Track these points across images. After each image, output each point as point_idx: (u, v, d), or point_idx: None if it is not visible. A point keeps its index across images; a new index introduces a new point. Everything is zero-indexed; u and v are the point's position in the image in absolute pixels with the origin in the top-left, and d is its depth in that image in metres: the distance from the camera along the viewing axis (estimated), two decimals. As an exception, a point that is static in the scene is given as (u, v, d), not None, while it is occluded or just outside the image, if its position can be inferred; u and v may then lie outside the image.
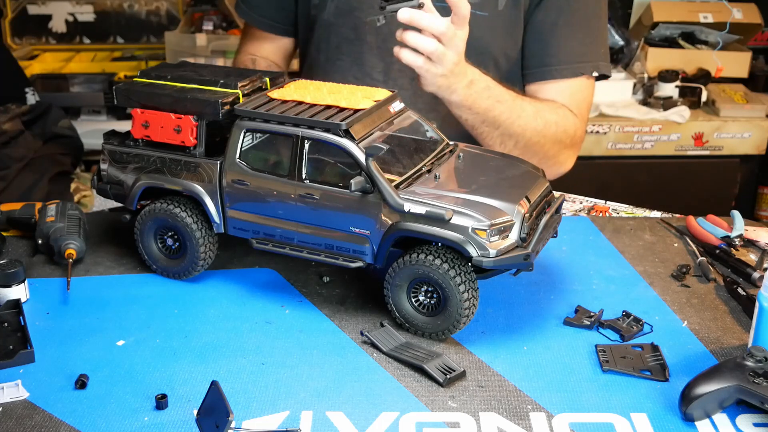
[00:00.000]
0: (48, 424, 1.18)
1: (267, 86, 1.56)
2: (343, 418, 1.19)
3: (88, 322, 1.43)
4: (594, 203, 1.98)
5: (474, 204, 1.34)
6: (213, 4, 4.17)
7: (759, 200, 3.74)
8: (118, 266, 1.62)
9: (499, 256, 1.32)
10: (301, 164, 1.40)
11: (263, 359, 1.33)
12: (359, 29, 1.92)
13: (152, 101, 1.50)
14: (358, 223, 1.38)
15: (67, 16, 4.33)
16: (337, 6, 1.93)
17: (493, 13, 1.86)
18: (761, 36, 3.92)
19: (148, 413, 1.20)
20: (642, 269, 1.63)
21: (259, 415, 1.20)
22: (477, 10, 1.83)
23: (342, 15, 1.93)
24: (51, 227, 1.61)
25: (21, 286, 1.47)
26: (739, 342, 1.39)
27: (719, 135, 3.47)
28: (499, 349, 1.36)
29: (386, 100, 1.49)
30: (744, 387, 1.17)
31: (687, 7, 3.74)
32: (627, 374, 1.29)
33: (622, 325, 1.41)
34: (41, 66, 4.06)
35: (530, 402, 1.23)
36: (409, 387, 1.26)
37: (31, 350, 1.32)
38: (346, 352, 1.35)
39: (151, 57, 4.14)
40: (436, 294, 1.36)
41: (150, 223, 1.54)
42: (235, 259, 1.64)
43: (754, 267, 1.58)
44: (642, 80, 3.62)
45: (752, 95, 3.60)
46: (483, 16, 1.85)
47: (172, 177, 1.52)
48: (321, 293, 1.53)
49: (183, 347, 1.36)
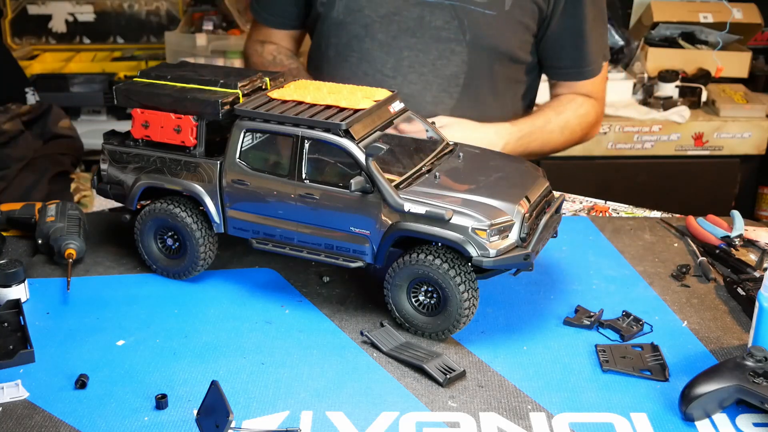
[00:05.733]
0: (48, 424, 1.18)
1: (267, 86, 1.56)
2: (343, 418, 1.19)
3: (88, 322, 1.43)
4: (594, 203, 1.98)
5: (474, 204, 1.34)
6: (213, 4, 4.17)
7: (759, 200, 3.74)
8: (118, 266, 1.62)
9: (499, 256, 1.32)
10: (301, 164, 1.40)
11: (263, 359, 1.33)
12: (369, 27, 1.94)
13: (152, 101, 1.50)
14: (358, 223, 1.38)
15: (67, 16, 4.32)
16: (347, 4, 1.94)
17: (501, 12, 1.90)
18: (761, 36, 3.92)
19: (148, 413, 1.20)
20: (642, 269, 1.63)
21: (259, 415, 1.20)
22: (486, 9, 1.88)
23: (351, 13, 1.94)
24: (51, 227, 1.61)
25: (21, 286, 1.47)
26: (739, 342, 1.39)
27: (719, 135, 3.47)
28: (499, 349, 1.36)
29: (386, 100, 1.49)
30: (744, 387, 1.17)
31: (687, 7, 3.74)
32: (627, 374, 1.29)
33: (622, 325, 1.41)
34: (41, 66, 4.06)
35: (530, 402, 1.23)
36: (409, 387, 1.26)
37: (31, 350, 1.32)
38: (346, 352, 1.35)
39: (151, 57, 4.14)
40: (436, 294, 1.36)
41: (150, 223, 1.54)
42: (235, 259, 1.64)
43: (754, 267, 1.58)
44: (642, 80, 3.62)
45: (752, 95, 3.60)
46: (491, 14, 1.89)
47: (172, 177, 1.51)
48: (321, 293, 1.53)
49: (183, 347, 1.36)
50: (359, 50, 1.96)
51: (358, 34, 1.95)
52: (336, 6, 1.96)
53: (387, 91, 1.53)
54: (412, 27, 1.92)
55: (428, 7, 1.89)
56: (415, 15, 1.91)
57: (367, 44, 1.95)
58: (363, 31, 1.94)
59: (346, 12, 1.95)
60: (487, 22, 1.90)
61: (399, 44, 1.93)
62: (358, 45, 1.95)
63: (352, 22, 1.95)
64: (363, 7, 1.93)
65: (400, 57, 1.93)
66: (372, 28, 1.93)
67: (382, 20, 1.92)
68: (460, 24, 1.89)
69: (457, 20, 1.89)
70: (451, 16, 1.90)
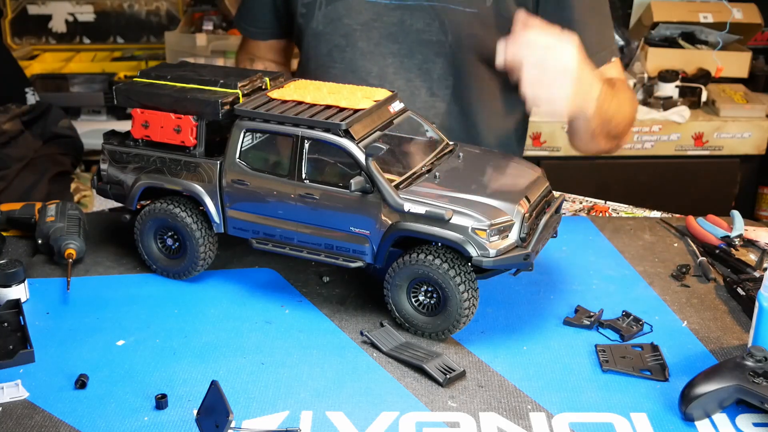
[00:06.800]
0: (48, 424, 1.18)
1: (267, 86, 1.56)
2: (343, 418, 1.19)
3: (88, 322, 1.43)
4: (594, 203, 1.98)
5: (474, 204, 1.34)
6: (213, 4, 4.17)
7: (759, 200, 3.74)
8: (118, 266, 1.62)
9: (499, 256, 1.32)
10: (301, 164, 1.40)
11: (263, 359, 1.33)
12: (350, 36, 1.89)
13: (152, 101, 1.50)
14: (358, 223, 1.38)
15: (67, 16, 4.33)
16: (325, 14, 1.89)
17: (482, 8, 1.83)
18: (761, 36, 3.92)
19: (148, 413, 1.20)
20: (642, 269, 1.63)
21: (259, 415, 1.20)
22: (466, 7, 1.82)
23: (331, 23, 1.89)
24: (51, 227, 1.61)
25: (21, 286, 1.47)
26: (739, 342, 1.39)
27: (719, 135, 3.47)
28: (499, 349, 1.36)
29: (386, 100, 1.49)
30: (744, 387, 1.17)
31: (687, 7, 3.74)
32: (627, 374, 1.29)
33: (622, 325, 1.41)
34: (41, 66, 4.06)
35: (530, 402, 1.23)
36: (409, 387, 1.26)
37: (31, 350, 1.32)
38: (346, 352, 1.35)
39: (151, 57, 4.14)
40: (436, 294, 1.36)
41: (150, 223, 1.54)
42: (235, 259, 1.64)
43: (754, 267, 1.58)
44: (642, 80, 3.62)
45: (752, 95, 3.60)
46: (472, 12, 1.83)
47: (172, 177, 1.52)
48: (321, 293, 1.53)
49: (183, 347, 1.36)
50: (341, 60, 1.91)
51: (339, 43, 1.90)
52: (315, 17, 1.90)
53: (387, 91, 1.53)
54: (394, 32, 1.87)
55: (408, 10, 1.84)
56: (395, 20, 1.86)
57: (349, 53, 1.90)
58: (344, 41, 1.89)
59: (326, 22, 1.90)
60: (468, 21, 1.83)
61: (382, 51, 1.88)
62: (339, 55, 1.91)
63: (332, 32, 1.90)
64: (342, 16, 1.88)
65: (384, 64, 1.89)
66: (353, 36, 1.88)
67: (362, 28, 1.87)
68: (441, 25, 1.84)
69: (437, 21, 1.84)
70: (431, 17, 1.84)
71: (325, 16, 1.90)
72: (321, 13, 1.90)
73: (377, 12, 1.86)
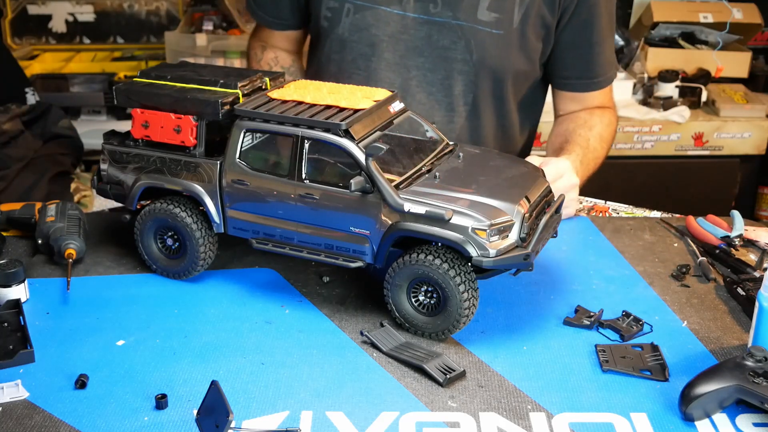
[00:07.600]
0: (48, 424, 1.18)
1: (267, 86, 1.56)
2: (343, 418, 1.19)
3: (88, 322, 1.43)
4: (594, 203, 1.98)
5: (474, 204, 1.34)
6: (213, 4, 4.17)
7: (759, 200, 3.74)
8: (118, 266, 1.62)
9: (499, 256, 1.32)
10: (301, 164, 1.40)
11: (263, 359, 1.33)
12: (376, 46, 1.91)
13: (152, 101, 1.50)
14: (358, 223, 1.38)
15: (67, 16, 4.33)
16: (353, 22, 1.91)
17: (508, 30, 1.88)
18: (761, 36, 3.92)
19: (148, 413, 1.20)
20: (642, 269, 1.63)
21: (259, 415, 1.20)
22: (493, 29, 1.86)
23: (358, 31, 1.91)
24: (51, 227, 1.61)
25: (21, 286, 1.47)
26: (739, 342, 1.39)
27: (719, 135, 3.47)
28: (499, 349, 1.36)
29: (386, 100, 1.49)
30: (744, 387, 1.17)
31: (687, 7, 3.75)
32: (627, 374, 1.29)
33: (622, 325, 1.41)
34: (41, 66, 4.06)
35: (530, 402, 1.23)
36: (409, 387, 1.26)
37: (31, 350, 1.32)
38: (346, 352, 1.35)
39: (151, 57, 4.14)
40: (436, 294, 1.36)
41: (150, 223, 1.54)
42: (235, 259, 1.64)
43: (754, 267, 1.58)
44: (642, 80, 3.62)
45: (752, 95, 3.60)
46: (499, 34, 1.87)
47: (172, 177, 1.52)
48: (321, 293, 1.53)
49: (183, 347, 1.36)
50: (366, 69, 1.93)
51: (364, 52, 1.92)
52: (341, 23, 1.92)
53: (387, 91, 1.53)
54: (420, 46, 1.89)
55: (435, 26, 1.87)
56: (423, 34, 1.88)
57: (375, 63, 1.92)
58: (370, 50, 1.92)
59: (352, 30, 1.91)
60: (494, 43, 1.87)
61: (407, 63, 1.91)
62: (364, 63, 1.93)
63: (358, 40, 1.92)
64: (370, 26, 1.90)
65: (408, 76, 1.92)
66: (379, 47, 1.91)
67: (389, 39, 1.90)
68: (467, 44, 1.87)
69: (463, 40, 1.87)
70: (457, 36, 1.87)
71: (352, 24, 1.91)
72: (348, 20, 1.92)
73: (405, 25, 1.89)
